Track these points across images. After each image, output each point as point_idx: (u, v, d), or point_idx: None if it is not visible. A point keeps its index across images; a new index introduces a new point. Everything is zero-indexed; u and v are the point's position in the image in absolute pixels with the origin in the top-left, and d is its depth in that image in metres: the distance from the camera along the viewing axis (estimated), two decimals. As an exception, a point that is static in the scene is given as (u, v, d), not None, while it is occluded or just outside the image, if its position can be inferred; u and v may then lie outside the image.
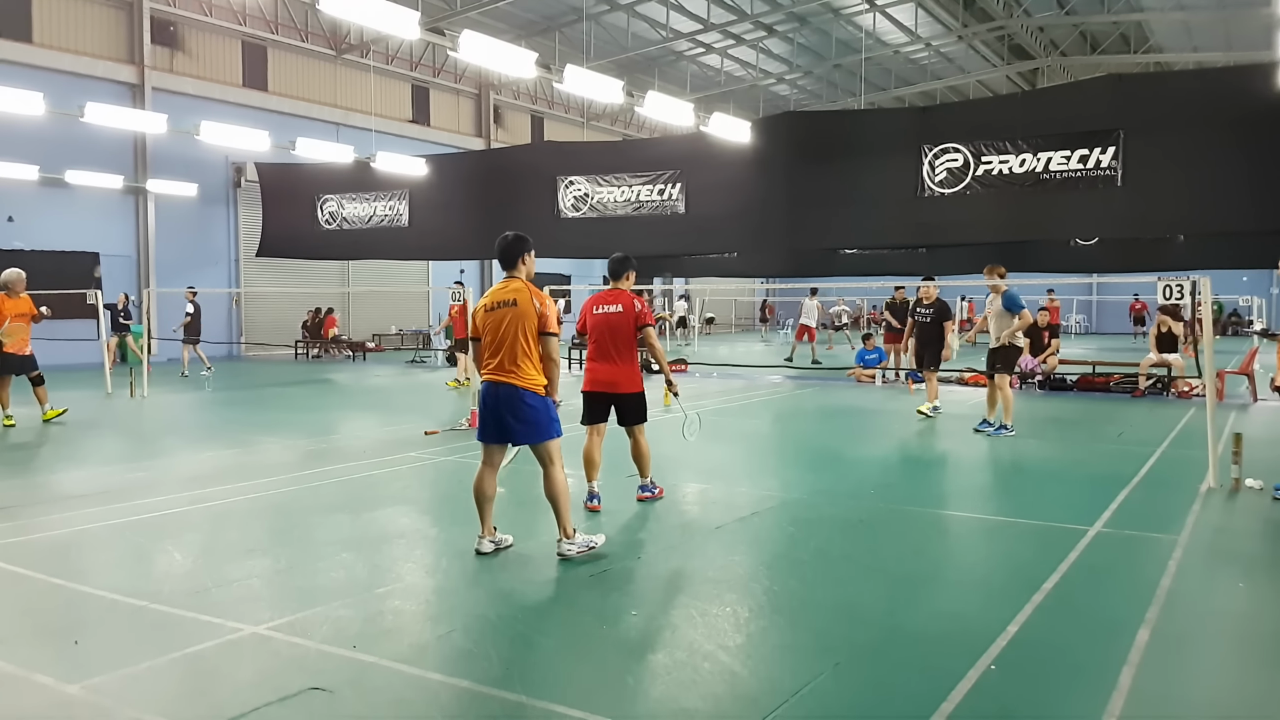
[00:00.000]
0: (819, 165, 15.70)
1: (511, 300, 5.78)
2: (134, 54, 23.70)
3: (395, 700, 3.80)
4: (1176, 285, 8.53)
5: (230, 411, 14.29)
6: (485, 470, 5.97)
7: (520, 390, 5.72)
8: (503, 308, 5.79)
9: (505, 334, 5.74)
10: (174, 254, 24.68)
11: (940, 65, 35.84)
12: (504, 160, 21.19)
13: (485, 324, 5.85)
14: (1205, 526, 6.68)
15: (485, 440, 5.95)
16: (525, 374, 5.73)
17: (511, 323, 5.74)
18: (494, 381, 5.78)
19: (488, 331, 5.84)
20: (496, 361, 5.78)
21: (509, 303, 5.78)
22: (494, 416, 5.82)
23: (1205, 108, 12.78)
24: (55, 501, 7.55)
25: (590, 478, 7.24)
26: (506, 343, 5.74)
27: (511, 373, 5.73)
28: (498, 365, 5.78)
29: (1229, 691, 4.03)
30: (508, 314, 5.76)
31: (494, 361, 5.80)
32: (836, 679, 4.02)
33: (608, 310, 7.21)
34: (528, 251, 6.02)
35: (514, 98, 35.41)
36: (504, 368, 5.75)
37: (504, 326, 5.75)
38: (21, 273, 12.07)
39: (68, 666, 4.11)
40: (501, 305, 5.80)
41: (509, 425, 5.81)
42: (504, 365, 5.75)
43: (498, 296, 5.85)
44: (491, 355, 5.82)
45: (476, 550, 5.89)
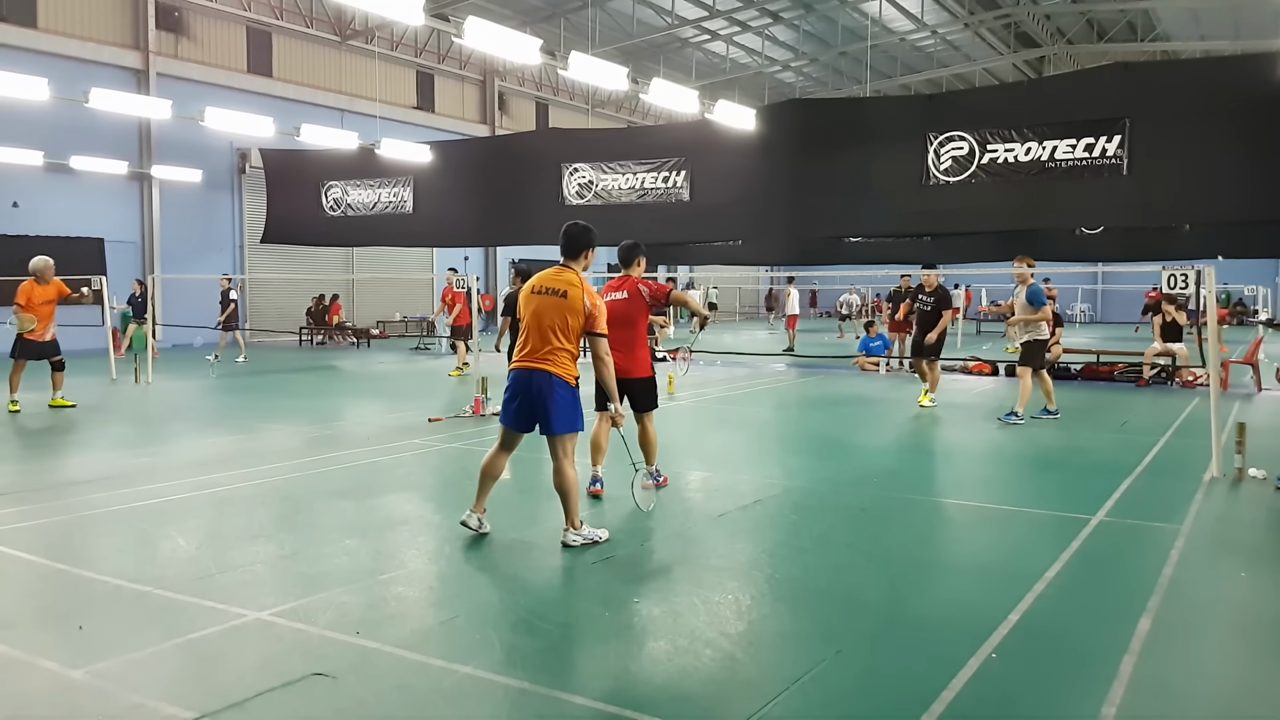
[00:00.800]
0: (824, 153, 15.64)
1: (562, 291, 5.66)
2: (139, 39, 23.68)
3: (398, 686, 3.82)
4: (1181, 274, 8.50)
5: (234, 398, 14.32)
6: (500, 452, 5.92)
7: (554, 379, 5.62)
8: (550, 295, 5.67)
9: (545, 322, 5.64)
10: (179, 240, 24.71)
11: (946, 53, 35.69)
12: (508, 147, 21.15)
13: (527, 308, 5.75)
14: (1208, 516, 6.68)
15: (509, 425, 5.84)
16: (560, 363, 5.64)
17: (554, 312, 5.63)
18: (527, 368, 5.69)
19: (528, 316, 5.73)
20: (530, 348, 5.69)
21: (558, 292, 5.66)
22: (524, 403, 5.72)
23: (1212, 97, 12.71)
24: (60, 487, 7.58)
25: (595, 462, 7.23)
26: (544, 331, 5.64)
27: (548, 361, 5.63)
28: (531, 352, 5.69)
29: (1230, 680, 4.04)
30: (552, 303, 5.65)
31: (528, 348, 5.71)
32: (838, 666, 4.03)
33: (616, 298, 7.13)
34: (593, 246, 5.92)
35: (519, 84, 35.33)
36: (539, 355, 5.66)
37: (546, 314, 5.65)
38: (50, 260, 12.22)
39: (72, 651, 4.13)
40: (549, 292, 5.68)
41: (537, 413, 5.70)
42: (539, 353, 5.66)
43: (548, 283, 5.73)
44: (527, 341, 5.73)
45: (462, 523, 5.88)
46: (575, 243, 5.87)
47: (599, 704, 3.62)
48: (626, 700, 3.66)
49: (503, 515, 6.71)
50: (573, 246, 5.87)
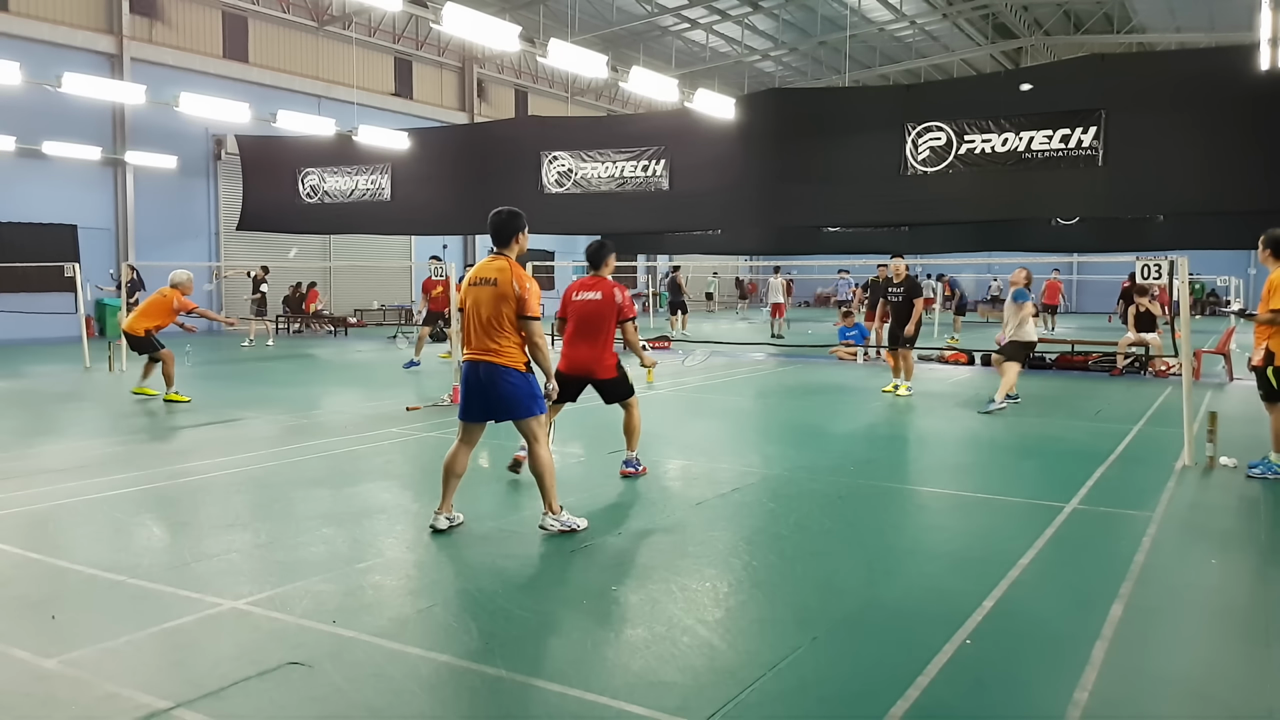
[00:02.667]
0: (803, 143, 15.68)
1: (493, 279, 5.66)
2: (112, 23, 23.37)
3: (375, 674, 3.81)
4: (1155, 265, 8.58)
5: (210, 386, 14.20)
6: (460, 447, 5.90)
7: (500, 368, 5.64)
8: (484, 285, 5.70)
9: (483, 312, 5.67)
10: (153, 227, 24.46)
11: (925, 44, 35.77)
12: (487, 135, 21.08)
13: (465, 299, 5.80)
14: (1180, 503, 6.76)
15: (466, 419, 5.87)
16: (505, 352, 5.65)
17: (489, 301, 5.64)
18: (474, 360, 5.72)
19: (468, 308, 5.78)
20: (476, 340, 5.72)
21: (489, 281, 5.68)
22: (476, 395, 5.76)
23: (1187, 88, 12.82)
24: (32, 475, 7.50)
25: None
26: (484, 321, 5.67)
27: (492, 351, 5.66)
28: (478, 344, 5.72)
29: (1201, 665, 4.09)
30: (486, 292, 5.67)
31: (473, 341, 5.74)
32: (814, 652, 4.05)
33: (588, 297, 7.26)
34: (522, 230, 5.84)
35: (498, 72, 35.14)
36: (484, 346, 5.69)
37: (482, 305, 5.67)
38: (190, 274, 12.48)
39: (45, 641, 4.10)
40: (483, 283, 5.71)
41: (491, 403, 5.75)
42: (483, 344, 5.69)
43: (480, 273, 5.77)
44: (470, 334, 5.76)
45: (432, 527, 5.83)
46: (503, 230, 5.78)
47: (576, 691, 3.63)
48: (604, 688, 3.67)
49: (481, 503, 6.70)
50: (501, 234, 5.79)
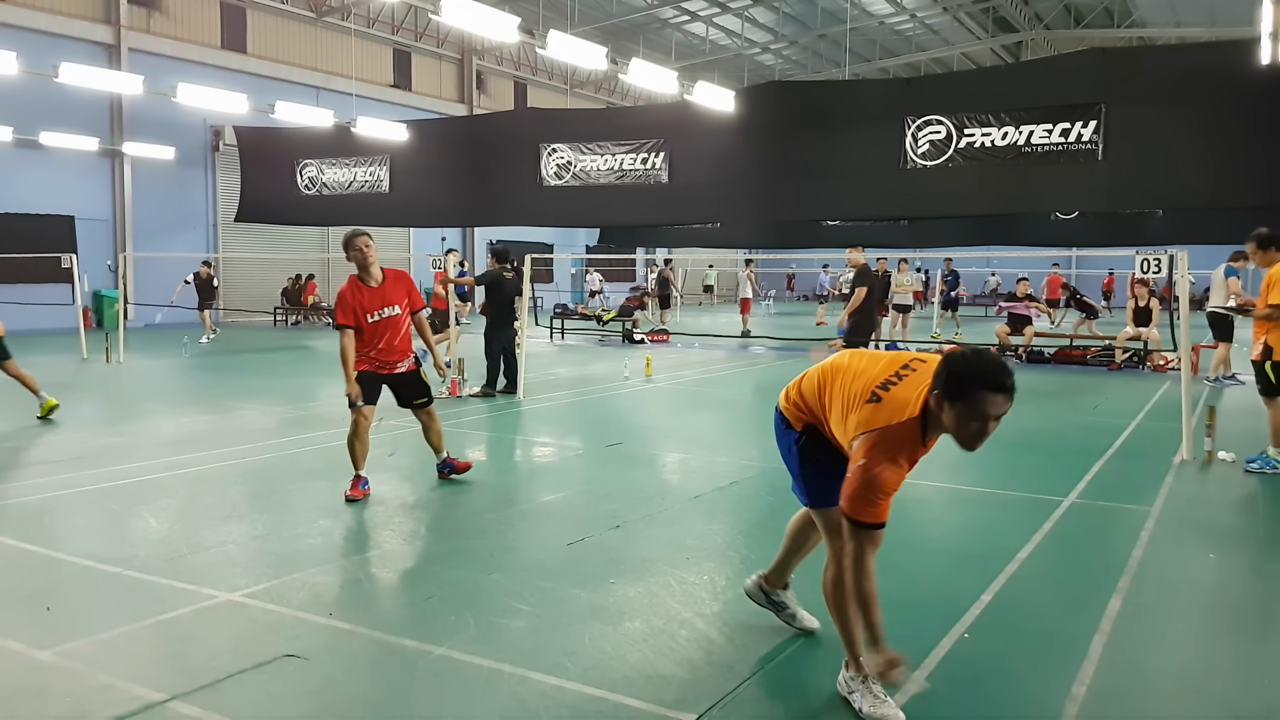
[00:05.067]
0: (802, 136, 15.65)
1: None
2: (110, 13, 23.29)
3: (371, 667, 3.80)
4: (1154, 260, 8.56)
5: (208, 377, 14.19)
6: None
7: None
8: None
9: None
10: (151, 218, 24.40)
11: (925, 37, 35.70)
12: (487, 127, 21.01)
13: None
14: (1178, 498, 6.75)
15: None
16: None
17: None
18: None
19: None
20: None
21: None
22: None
23: (1187, 83, 12.79)
24: (28, 466, 7.49)
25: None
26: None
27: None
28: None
29: (1198, 660, 4.09)
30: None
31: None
32: (811, 645, 4.05)
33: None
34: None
35: (497, 63, 35.06)
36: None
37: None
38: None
39: (40, 632, 4.08)
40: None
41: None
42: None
43: None
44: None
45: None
46: None
47: (574, 684, 3.62)
48: (601, 681, 3.66)
49: (478, 495, 6.70)
50: None
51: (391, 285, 6.66)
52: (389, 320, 6.60)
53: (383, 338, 6.60)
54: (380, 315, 6.57)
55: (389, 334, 6.62)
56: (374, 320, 6.56)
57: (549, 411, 10.99)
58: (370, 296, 6.56)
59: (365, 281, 6.60)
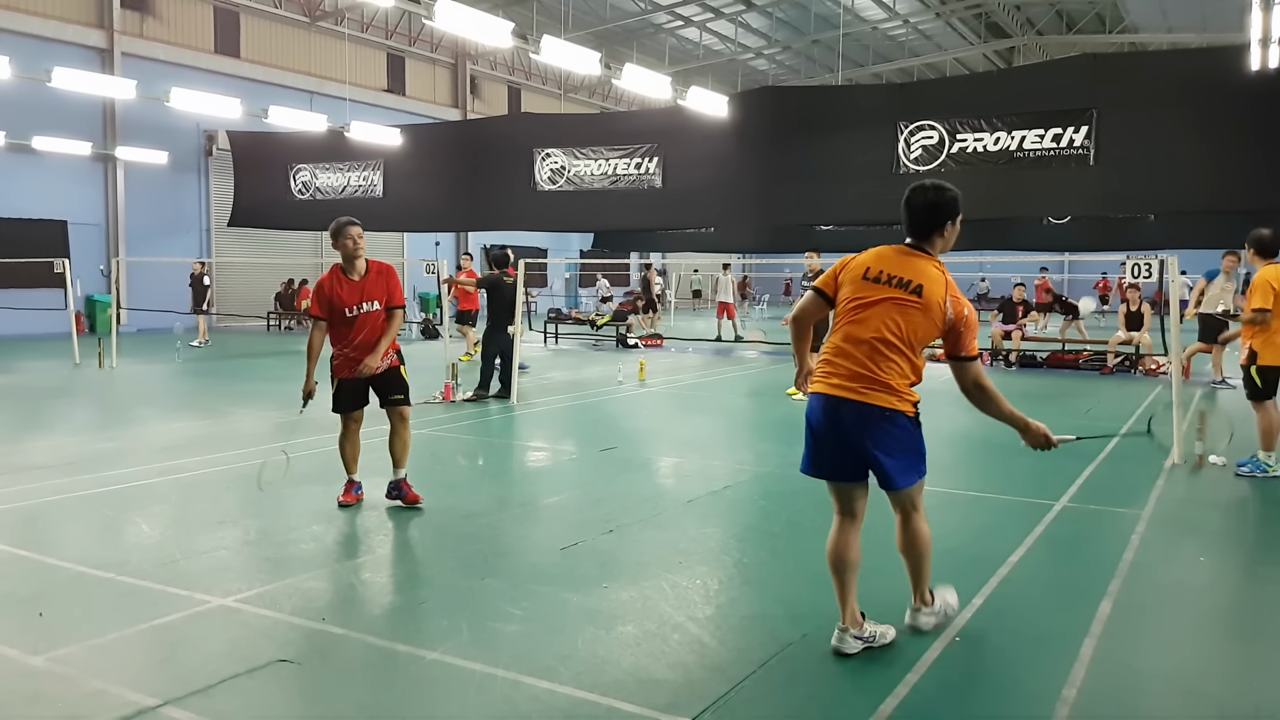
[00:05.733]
0: (796, 141, 15.68)
1: (911, 282, 4.35)
2: (103, 18, 23.27)
3: (364, 671, 3.81)
4: (1145, 264, 8.60)
5: (201, 382, 14.16)
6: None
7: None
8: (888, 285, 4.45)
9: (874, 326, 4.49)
10: (144, 222, 24.36)
11: (918, 42, 35.82)
12: (480, 131, 21.02)
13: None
14: (1168, 501, 6.78)
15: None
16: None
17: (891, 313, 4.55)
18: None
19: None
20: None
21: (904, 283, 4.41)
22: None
23: (1178, 88, 12.85)
24: (21, 471, 7.47)
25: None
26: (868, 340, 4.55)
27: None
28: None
29: (1188, 661, 4.11)
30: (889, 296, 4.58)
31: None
32: (805, 649, 4.06)
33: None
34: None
35: (491, 68, 35.09)
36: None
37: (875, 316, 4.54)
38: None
39: (33, 638, 4.08)
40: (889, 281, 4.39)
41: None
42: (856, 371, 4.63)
43: (887, 267, 4.24)
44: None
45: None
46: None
47: (566, 688, 3.63)
48: (594, 684, 3.67)
49: (471, 499, 6.70)
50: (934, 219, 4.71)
51: (374, 280, 6.40)
52: (367, 315, 6.32)
53: (360, 334, 6.32)
54: (358, 310, 6.30)
55: (366, 330, 6.33)
56: (351, 315, 6.30)
57: (543, 416, 10.99)
58: (350, 290, 6.33)
59: (347, 274, 6.38)
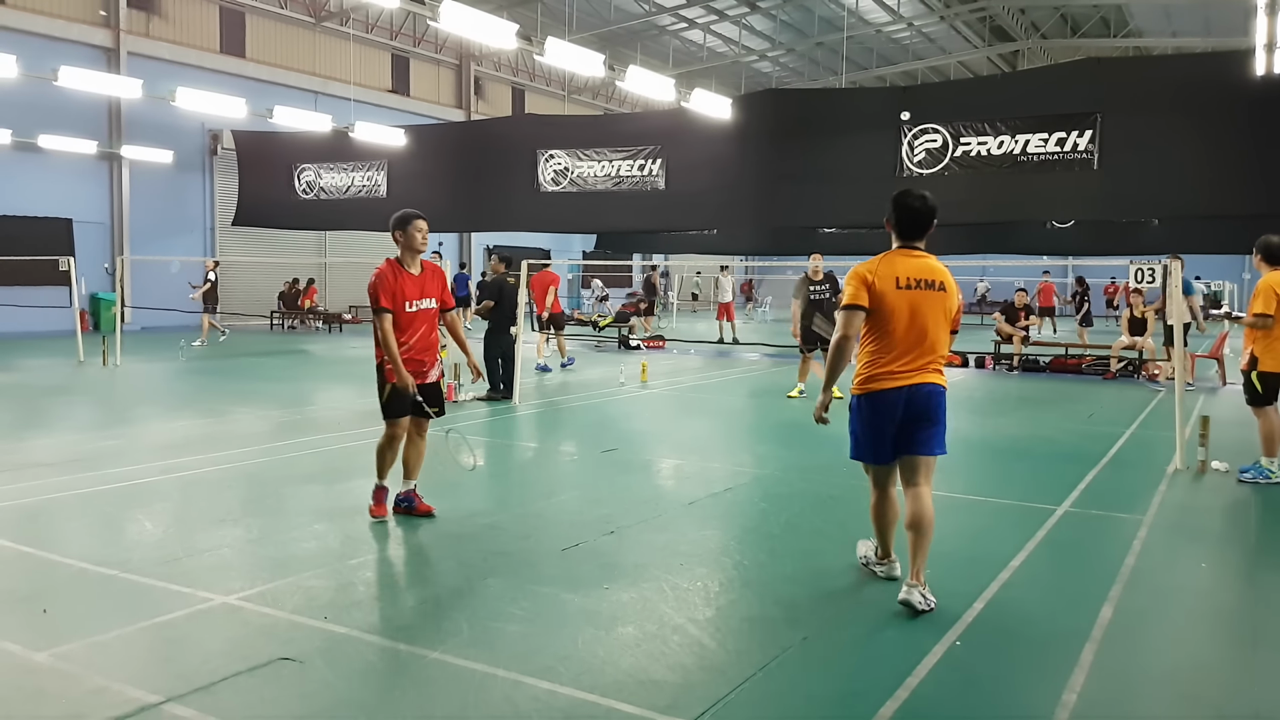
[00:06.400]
0: (799, 143, 15.69)
1: (937, 282, 4.83)
2: (109, 17, 23.32)
3: (366, 670, 3.82)
4: (1148, 269, 8.60)
5: (204, 381, 14.18)
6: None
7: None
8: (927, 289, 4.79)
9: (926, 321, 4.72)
10: (149, 221, 24.39)
11: (922, 45, 35.82)
12: (484, 132, 21.06)
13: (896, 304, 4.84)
14: (1171, 507, 6.78)
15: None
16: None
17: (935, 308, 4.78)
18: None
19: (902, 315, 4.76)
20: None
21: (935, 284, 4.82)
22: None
23: (1182, 93, 12.85)
24: (24, 468, 7.49)
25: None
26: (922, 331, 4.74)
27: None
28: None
29: (1188, 667, 4.11)
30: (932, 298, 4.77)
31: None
32: (804, 651, 4.06)
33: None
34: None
35: (495, 69, 35.12)
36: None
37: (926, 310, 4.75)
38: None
39: (35, 634, 4.09)
40: (926, 285, 4.79)
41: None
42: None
43: (919, 273, 4.85)
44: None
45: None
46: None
47: (567, 689, 3.63)
48: (593, 685, 3.67)
49: (472, 500, 6.71)
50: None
51: (430, 277, 6.11)
52: (425, 313, 6.06)
53: (418, 332, 6.02)
54: (419, 305, 6.01)
55: (425, 328, 6.08)
56: (411, 310, 5.97)
57: (544, 417, 11.01)
58: (411, 284, 5.97)
59: (407, 267, 6.01)
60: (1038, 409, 11.98)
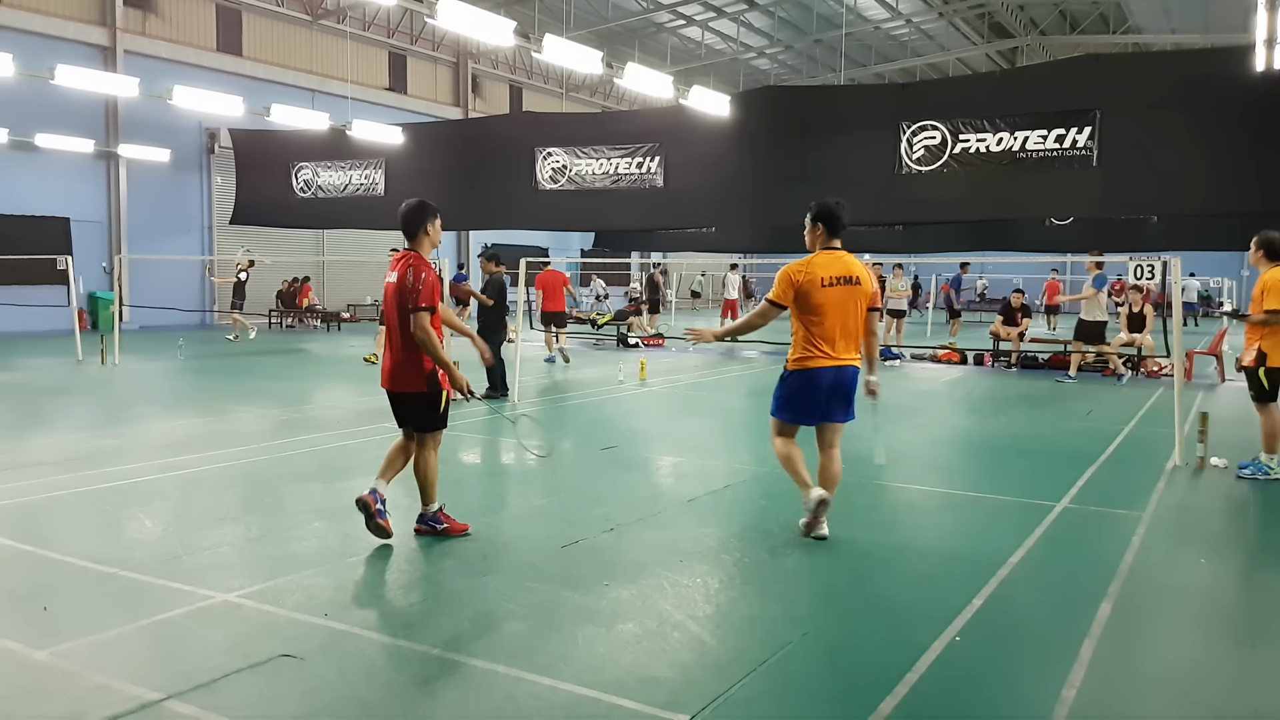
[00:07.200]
0: (798, 140, 15.67)
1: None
2: (106, 16, 23.28)
3: (366, 668, 3.82)
4: (1148, 265, 8.61)
5: (202, 380, 14.18)
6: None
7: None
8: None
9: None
10: (146, 220, 24.38)
11: (920, 42, 35.81)
12: (482, 130, 21.01)
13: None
14: (1169, 503, 6.79)
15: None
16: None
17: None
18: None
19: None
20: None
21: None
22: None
23: (1181, 89, 12.83)
24: (24, 467, 7.49)
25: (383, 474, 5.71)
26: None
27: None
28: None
29: (1187, 664, 4.12)
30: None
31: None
32: (804, 648, 4.07)
33: (388, 280, 5.56)
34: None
35: (492, 67, 35.09)
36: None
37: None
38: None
39: (36, 633, 4.09)
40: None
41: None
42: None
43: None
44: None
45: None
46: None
47: (567, 685, 3.64)
48: (594, 682, 3.68)
49: (472, 498, 6.72)
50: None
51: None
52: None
53: (438, 329, 5.71)
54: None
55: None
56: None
57: (543, 415, 11.01)
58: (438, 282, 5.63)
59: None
60: (1036, 406, 11.99)
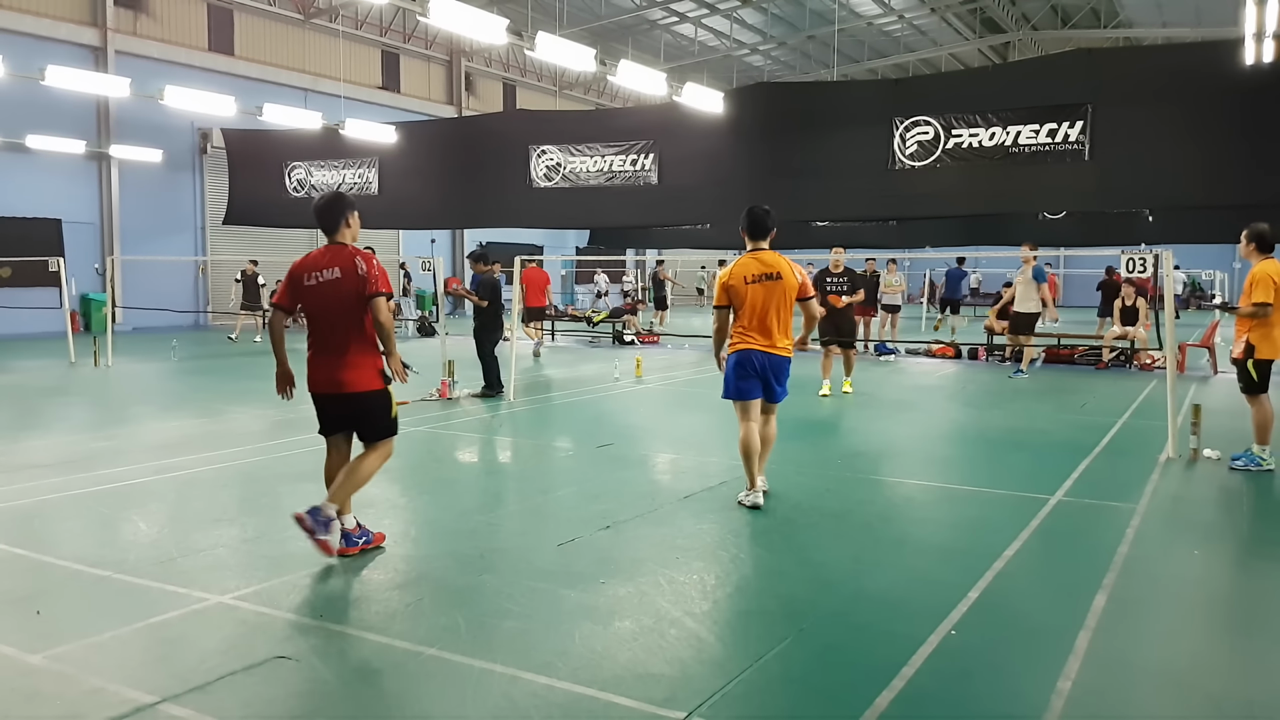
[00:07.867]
0: (791, 137, 15.69)
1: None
2: (96, 16, 23.19)
3: (362, 668, 3.82)
4: (1140, 258, 8.62)
5: (197, 380, 14.15)
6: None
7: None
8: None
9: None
10: (139, 221, 24.30)
11: (913, 38, 35.81)
12: (476, 128, 21.00)
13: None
14: (1163, 495, 6.81)
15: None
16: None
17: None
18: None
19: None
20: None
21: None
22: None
23: (1173, 83, 12.87)
24: (17, 470, 7.47)
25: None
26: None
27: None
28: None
29: (1181, 655, 4.13)
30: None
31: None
32: (801, 643, 4.07)
33: (321, 278, 5.19)
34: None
35: (486, 65, 35.03)
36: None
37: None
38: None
39: (30, 636, 4.08)
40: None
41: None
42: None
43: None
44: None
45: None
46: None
47: (564, 683, 3.64)
48: (591, 679, 3.68)
49: (468, 496, 6.71)
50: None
51: None
52: None
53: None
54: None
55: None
56: None
57: (539, 413, 11.01)
58: None
59: None
60: (1030, 399, 12.01)
